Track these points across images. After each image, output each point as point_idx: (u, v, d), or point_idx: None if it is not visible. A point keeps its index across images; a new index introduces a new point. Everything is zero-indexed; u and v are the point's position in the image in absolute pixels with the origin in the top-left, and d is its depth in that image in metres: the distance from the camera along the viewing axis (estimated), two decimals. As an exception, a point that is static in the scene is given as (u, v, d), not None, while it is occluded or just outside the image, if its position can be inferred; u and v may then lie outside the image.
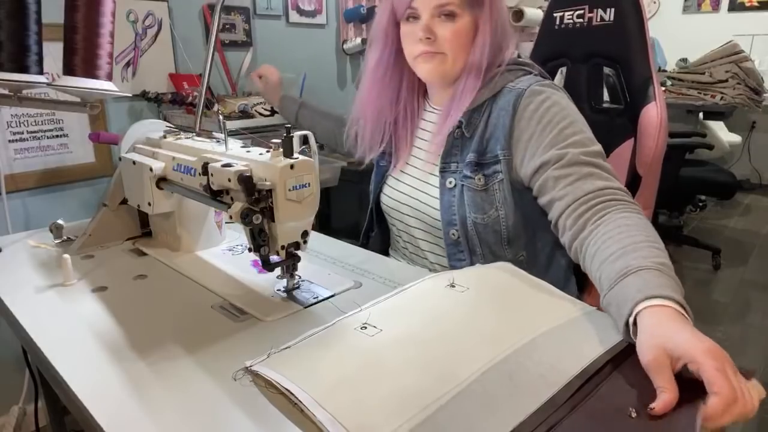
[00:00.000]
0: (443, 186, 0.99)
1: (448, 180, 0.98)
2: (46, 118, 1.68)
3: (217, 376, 0.64)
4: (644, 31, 1.15)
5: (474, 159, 0.95)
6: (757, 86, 3.00)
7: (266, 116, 1.87)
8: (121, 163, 1.02)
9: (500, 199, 0.95)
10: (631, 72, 1.17)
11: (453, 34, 0.93)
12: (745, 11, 4.18)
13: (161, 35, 1.91)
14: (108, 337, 0.73)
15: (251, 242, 0.77)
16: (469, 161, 0.95)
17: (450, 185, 0.98)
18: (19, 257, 1.04)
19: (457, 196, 0.97)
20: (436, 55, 0.95)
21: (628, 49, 1.17)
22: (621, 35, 1.17)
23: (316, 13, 2.45)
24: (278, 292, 0.86)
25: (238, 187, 0.73)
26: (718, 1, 4.28)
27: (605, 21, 1.18)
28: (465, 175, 0.96)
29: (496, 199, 0.95)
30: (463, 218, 0.96)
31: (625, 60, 1.18)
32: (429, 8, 0.93)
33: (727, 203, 3.85)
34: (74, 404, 0.61)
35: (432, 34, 0.94)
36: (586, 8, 1.21)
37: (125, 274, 0.95)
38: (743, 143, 3.97)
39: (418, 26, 0.94)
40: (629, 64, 1.18)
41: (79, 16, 0.95)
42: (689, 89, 3.11)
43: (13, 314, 0.81)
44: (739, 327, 2.32)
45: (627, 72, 1.18)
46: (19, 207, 1.67)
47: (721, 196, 3.27)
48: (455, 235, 0.97)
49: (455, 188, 0.97)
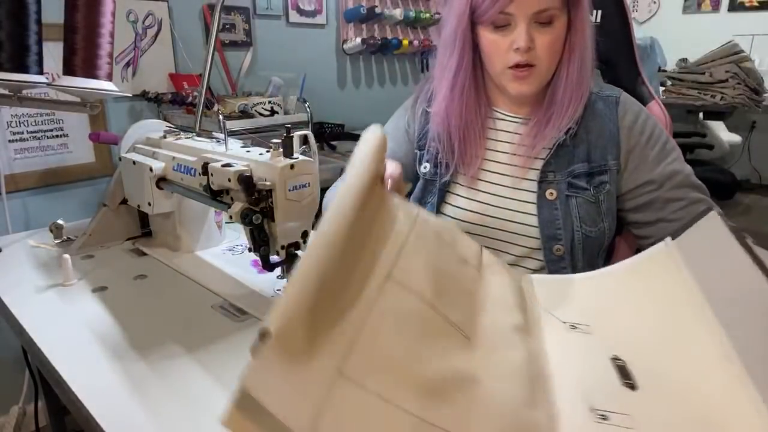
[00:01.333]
0: (542, 198, 0.91)
1: (548, 191, 0.90)
2: (46, 118, 1.68)
3: (217, 376, 0.64)
4: (630, 31, 1.17)
5: (586, 169, 0.89)
6: (757, 86, 3.00)
7: (266, 116, 1.87)
8: (121, 163, 1.02)
9: (605, 210, 0.90)
10: (619, 73, 1.19)
11: (550, 43, 0.84)
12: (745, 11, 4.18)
13: (161, 35, 1.91)
14: (108, 337, 0.73)
15: (251, 242, 0.77)
16: (581, 172, 0.90)
17: (551, 197, 0.90)
18: (19, 257, 1.04)
19: (561, 209, 0.90)
20: (531, 71, 0.86)
21: (615, 50, 1.18)
22: (607, 36, 1.18)
23: (316, 13, 2.45)
24: (278, 292, 0.86)
25: (238, 187, 0.73)
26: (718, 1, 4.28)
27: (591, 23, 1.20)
28: (576, 186, 0.90)
29: (602, 210, 0.90)
30: (570, 232, 0.90)
31: (612, 61, 1.19)
32: (527, 15, 0.82)
33: (727, 203, 3.84)
34: (74, 404, 0.61)
35: (531, 43, 0.83)
36: None
37: (125, 274, 0.95)
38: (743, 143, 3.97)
39: (514, 34, 0.84)
40: (616, 65, 1.19)
41: (79, 16, 0.95)
42: (689, 89, 3.12)
43: (13, 314, 0.81)
44: (739, 327, 2.32)
45: (614, 73, 1.20)
46: (19, 207, 1.67)
47: (721, 196, 3.27)
48: (560, 250, 0.90)
49: (557, 200, 0.90)
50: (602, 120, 0.90)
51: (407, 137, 1.04)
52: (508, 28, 0.84)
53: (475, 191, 0.97)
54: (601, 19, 1.18)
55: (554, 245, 0.90)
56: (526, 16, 0.82)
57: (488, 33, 0.86)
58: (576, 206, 0.90)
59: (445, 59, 0.94)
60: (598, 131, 0.90)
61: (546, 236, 0.90)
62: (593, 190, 0.89)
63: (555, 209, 0.90)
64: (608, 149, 0.89)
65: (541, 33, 0.83)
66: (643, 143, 0.88)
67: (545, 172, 0.91)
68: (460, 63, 0.92)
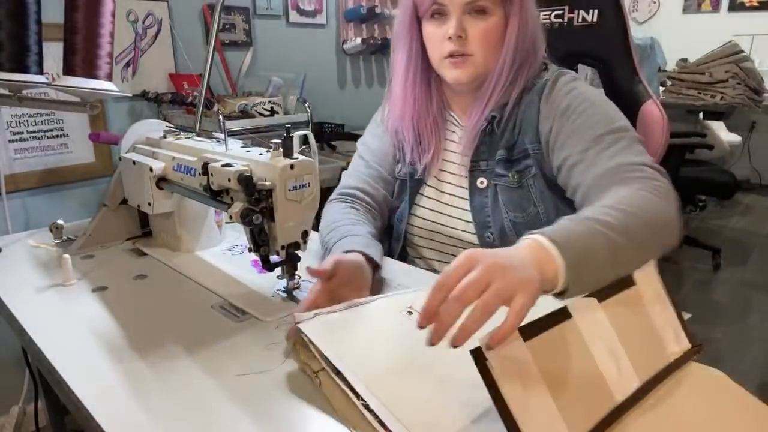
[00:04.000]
0: (473, 186, 0.94)
1: (479, 180, 0.93)
2: (46, 118, 1.68)
3: (217, 376, 0.64)
4: (627, 31, 1.16)
5: (504, 156, 0.91)
6: (757, 86, 3.00)
7: (266, 116, 1.87)
8: (121, 163, 1.02)
9: (537, 194, 0.90)
10: (616, 72, 1.19)
11: (484, 33, 0.87)
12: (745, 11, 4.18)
13: (161, 35, 1.91)
14: (108, 337, 0.73)
15: (251, 242, 0.77)
16: (500, 158, 0.91)
17: (481, 185, 0.93)
18: (19, 257, 1.04)
19: (490, 197, 0.92)
20: (466, 59, 0.89)
21: (611, 49, 1.18)
22: (604, 36, 1.18)
23: (316, 13, 2.45)
24: (278, 292, 0.86)
25: (238, 187, 0.73)
26: (718, 1, 4.28)
27: (587, 22, 1.19)
28: (497, 174, 0.92)
29: (533, 195, 0.90)
30: (499, 219, 0.92)
31: (609, 60, 1.19)
32: (459, 5, 0.86)
33: (727, 203, 3.85)
34: (74, 404, 0.61)
35: (463, 32, 0.87)
36: (566, 9, 1.21)
37: (125, 274, 0.95)
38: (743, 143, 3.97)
39: (447, 24, 0.87)
40: (613, 64, 1.19)
41: (79, 16, 0.95)
42: (689, 89, 3.11)
43: (13, 314, 0.81)
44: (739, 327, 2.32)
45: (611, 72, 1.20)
46: (19, 207, 1.67)
47: (721, 196, 3.28)
48: (490, 238, 0.92)
49: (488, 188, 0.93)
50: (530, 107, 0.91)
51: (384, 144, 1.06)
52: (444, 18, 0.89)
53: (439, 192, 1.01)
54: (598, 18, 1.18)
55: (485, 233, 0.93)
56: (458, 6, 0.86)
57: (427, 24, 0.91)
58: (500, 193, 0.92)
59: (396, 54, 0.99)
60: (522, 118, 0.91)
61: (478, 224, 0.94)
62: (516, 175, 0.91)
63: (485, 197, 0.93)
64: (527, 133, 0.90)
65: (474, 23, 0.88)
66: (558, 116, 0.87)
67: (476, 161, 0.94)
68: (409, 54, 0.96)
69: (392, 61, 1.01)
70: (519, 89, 0.91)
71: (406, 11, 0.94)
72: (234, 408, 0.58)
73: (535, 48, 0.92)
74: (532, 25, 0.90)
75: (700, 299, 2.59)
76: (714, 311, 2.47)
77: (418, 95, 0.98)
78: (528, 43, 0.90)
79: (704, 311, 2.46)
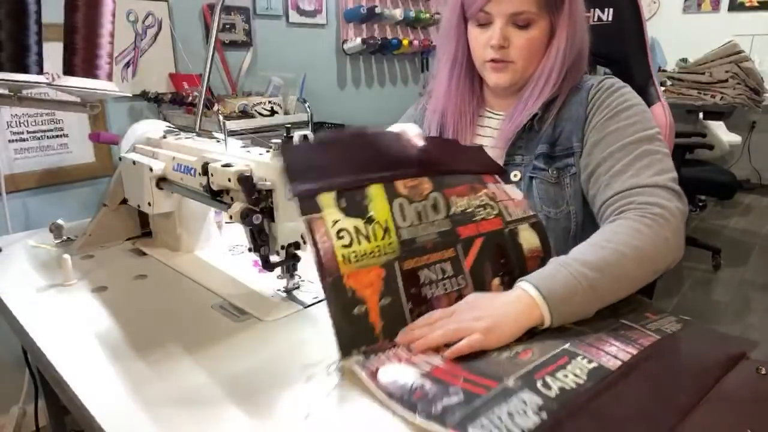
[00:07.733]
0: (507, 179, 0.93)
1: (512, 173, 0.94)
2: (46, 118, 1.68)
3: (217, 376, 0.64)
4: (643, 31, 1.15)
5: (546, 150, 0.91)
6: (757, 86, 2.99)
7: (266, 116, 1.87)
8: (121, 163, 1.02)
9: (571, 194, 0.91)
10: (631, 72, 1.17)
11: (526, 43, 0.89)
12: (745, 11, 4.18)
13: (161, 35, 1.91)
14: (108, 337, 0.73)
15: (251, 242, 0.77)
16: (541, 153, 0.92)
17: (515, 178, 0.94)
18: (19, 257, 1.04)
19: (524, 190, 0.93)
20: (507, 65, 0.91)
21: (627, 49, 1.17)
22: (619, 35, 1.17)
23: (316, 13, 2.45)
24: (278, 292, 0.86)
25: (238, 187, 0.73)
26: (718, 1, 4.28)
27: (603, 21, 1.18)
28: (536, 167, 0.92)
29: (567, 194, 0.91)
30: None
31: (624, 60, 1.18)
32: (504, 15, 0.88)
33: (727, 203, 3.85)
34: (74, 404, 0.61)
35: (506, 42, 0.89)
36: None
37: (125, 274, 0.95)
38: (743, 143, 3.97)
39: (490, 32, 0.90)
40: (628, 64, 1.18)
41: (79, 16, 0.95)
42: (689, 89, 3.11)
43: (13, 314, 0.81)
44: (739, 327, 2.32)
45: (626, 72, 1.18)
46: (19, 207, 1.67)
47: (721, 196, 3.27)
48: None
49: (521, 181, 0.93)
50: (576, 106, 0.92)
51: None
52: (488, 26, 0.91)
53: None
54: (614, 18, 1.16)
55: None
56: (503, 16, 0.88)
57: (472, 28, 0.94)
58: (536, 186, 0.93)
59: (442, 52, 1.02)
60: (569, 116, 0.92)
61: None
62: (555, 171, 0.92)
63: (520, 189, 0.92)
64: (574, 131, 0.91)
65: (517, 34, 0.89)
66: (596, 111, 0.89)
67: (512, 155, 0.95)
68: (456, 54, 0.99)
69: (437, 58, 1.05)
70: (566, 89, 0.92)
71: (454, 12, 0.96)
72: (234, 408, 0.58)
73: (582, 53, 0.93)
74: (580, 32, 0.92)
75: (700, 299, 2.59)
76: (714, 311, 2.47)
77: (462, 91, 1.01)
78: (575, 49, 0.92)
79: (704, 311, 2.46)
